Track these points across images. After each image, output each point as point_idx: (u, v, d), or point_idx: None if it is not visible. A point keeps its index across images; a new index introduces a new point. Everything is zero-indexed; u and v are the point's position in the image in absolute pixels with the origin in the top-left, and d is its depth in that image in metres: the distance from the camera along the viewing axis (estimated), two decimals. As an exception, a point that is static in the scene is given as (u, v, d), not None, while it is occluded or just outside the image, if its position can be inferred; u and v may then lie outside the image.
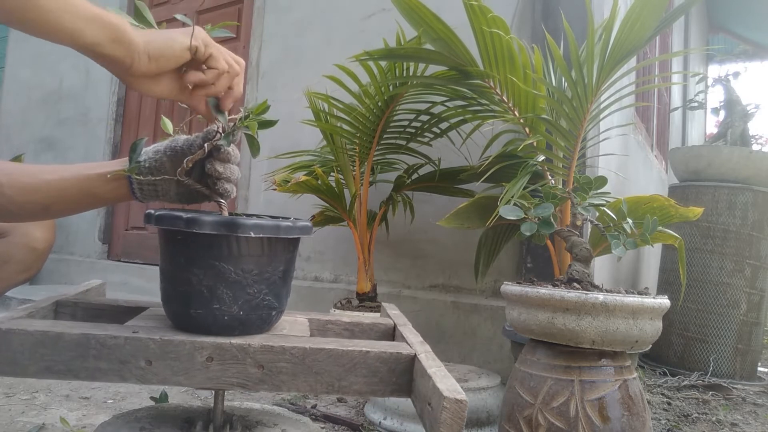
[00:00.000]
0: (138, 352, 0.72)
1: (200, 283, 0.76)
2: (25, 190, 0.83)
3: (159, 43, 0.69)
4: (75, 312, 0.95)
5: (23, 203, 0.83)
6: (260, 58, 2.93)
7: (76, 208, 0.88)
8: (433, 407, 0.65)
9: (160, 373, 0.72)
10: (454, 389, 0.64)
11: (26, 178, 0.84)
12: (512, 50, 1.43)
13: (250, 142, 0.83)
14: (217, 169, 0.83)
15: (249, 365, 0.74)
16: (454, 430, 0.62)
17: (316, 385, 0.75)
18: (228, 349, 0.74)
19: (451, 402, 0.62)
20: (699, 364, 2.47)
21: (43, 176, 0.84)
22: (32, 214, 0.87)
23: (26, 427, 1.36)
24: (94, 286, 1.07)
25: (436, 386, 0.66)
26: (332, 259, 2.53)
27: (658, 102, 3.79)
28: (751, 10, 5.36)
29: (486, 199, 1.54)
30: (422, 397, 0.71)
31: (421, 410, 0.71)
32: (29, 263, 1.07)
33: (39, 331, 0.71)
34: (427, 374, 0.70)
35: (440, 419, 0.62)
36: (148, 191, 0.86)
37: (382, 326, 1.00)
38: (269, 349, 0.74)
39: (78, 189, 0.85)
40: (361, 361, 0.76)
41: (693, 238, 2.53)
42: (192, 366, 0.73)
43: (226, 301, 0.76)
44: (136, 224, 3.51)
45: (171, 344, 0.73)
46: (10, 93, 4.28)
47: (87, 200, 0.86)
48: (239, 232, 0.74)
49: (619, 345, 1.05)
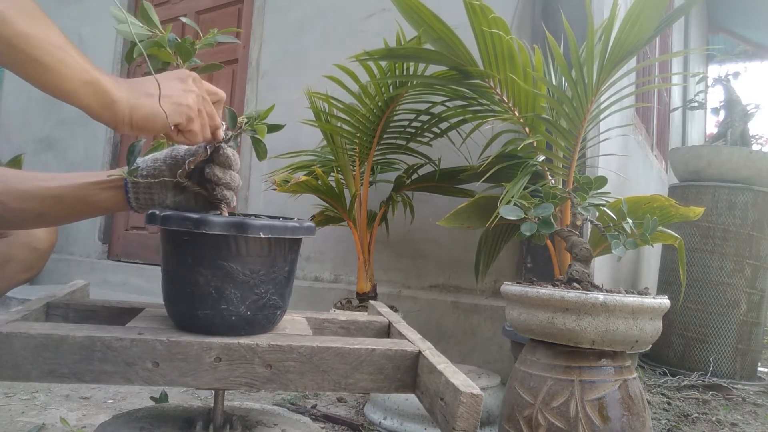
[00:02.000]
0: (145, 354, 0.71)
1: (208, 284, 0.76)
2: (20, 197, 0.83)
3: (143, 113, 0.71)
4: (66, 314, 0.94)
5: (18, 210, 0.83)
6: (260, 58, 2.93)
7: (71, 216, 0.88)
8: (447, 402, 0.67)
9: (167, 374, 0.72)
10: (468, 384, 0.66)
11: (22, 185, 0.83)
12: (512, 50, 1.43)
13: (257, 145, 0.83)
14: (217, 174, 0.82)
15: (257, 365, 0.74)
16: (471, 424, 0.64)
17: (323, 383, 0.76)
18: (236, 349, 0.74)
19: (467, 397, 0.64)
20: (699, 364, 2.47)
21: (38, 183, 0.84)
22: (26, 221, 0.87)
23: (26, 427, 1.36)
24: (78, 286, 1.06)
25: (450, 382, 0.67)
26: (332, 259, 2.53)
27: (658, 102, 3.79)
28: (751, 10, 5.36)
29: (486, 199, 1.54)
30: (432, 392, 0.72)
31: (431, 405, 0.72)
32: (31, 263, 1.07)
33: (42, 334, 0.70)
34: (437, 370, 0.71)
35: (457, 413, 0.64)
36: (144, 200, 0.86)
37: (377, 324, 1.02)
38: (277, 349, 0.75)
39: (73, 197, 0.85)
40: (367, 358, 0.77)
41: (693, 238, 2.53)
42: (200, 367, 0.73)
43: (233, 302, 0.76)
44: (136, 224, 3.51)
45: (179, 345, 0.72)
46: (10, 93, 4.28)
47: (82, 208, 0.86)
48: (249, 233, 0.73)
49: (619, 345, 1.05)
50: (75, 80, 0.65)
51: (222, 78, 3.12)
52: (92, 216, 0.92)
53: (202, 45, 0.82)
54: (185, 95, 0.74)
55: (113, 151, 3.62)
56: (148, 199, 0.86)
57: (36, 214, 0.85)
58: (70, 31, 3.75)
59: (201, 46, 0.82)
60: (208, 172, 0.83)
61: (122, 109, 0.70)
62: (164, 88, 0.73)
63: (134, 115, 0.71)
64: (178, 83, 0.75)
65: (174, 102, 0.73)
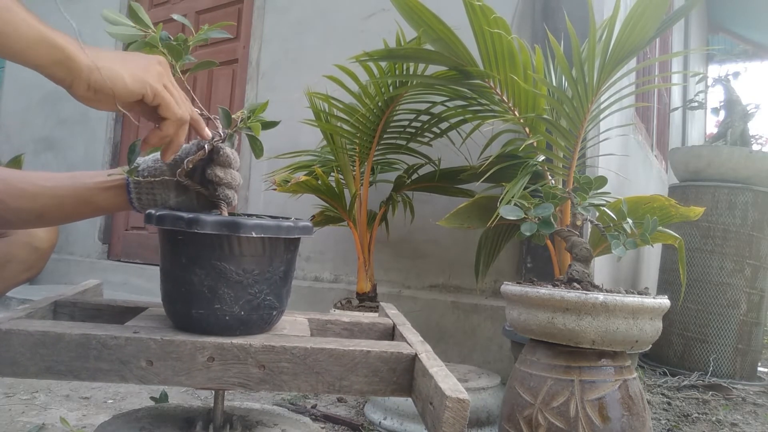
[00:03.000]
0: (139, 353, 0.72)
1: (201, 283, 0.76)
2: (21, 196, 0.82)
3: (102, 76, 0.69)
4: (73, 312, 0.95)
5: (18, 210, 0.83)
6: (260, 58, 2.93)
7: (71, 215, 0.87)
8: (435, 407, 0.66)
9: (161, 373, 0.72)
10: (456, 389, 0.64)
11: (23, 185, 0.83)
12: (513, 50, 1.43)
13: (253, 143, 0.83)
14: (218, 174, 0.82)
15: (250, 365, 0.74)
16: (456, 430, 0.63)
17: (317, 384, 0.75)
18: (229, 349, 0.74)
19: (453, 401, 0.62)
20: (699, 364, 2.47)
21: (39, 183, 0.84)
22: (27, 221, 0.87)
23: (26, 427, 1.36)
24: (91, 286, 1.07)
25: (438, 386, 0.66)
26: (332, 259, 2.53)
27: (658, 102, 3.79)
28: (751, 10, 5.36)
29: (486, 199, 1.54)
30: (424, 396, 0.71)
31: (423, 409, 0.72)
32: (32, 262, 1.07)
33: (39, 332, 0.71)
34: (429, 374, 0.70)
35: (443, 418, 0.62)
36: (147, 200, 0.86)
37: (381, 326, 1.01)
38: (270, 349, 0.74)
39: (74, 197, 0.84)
40: (362, 360, 0.76)
41: (693, 238, 2.53)
42: (193, 366, 0.73)
43: (227, 301, 0.76)
44: (136, 224, 3.51)
45: (172, 344, 0.73)
46: (10, 93, 4.28)
47: (83, 209, 0.86)
48: (241, 233, 0.73)
49: (619, 345, 1.05)
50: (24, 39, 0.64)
51: (222, 78, 3.12)
52: (94, 216, 0.92)
53: (194, 41, 0.82)
54: (148, 69, 0.73)
55: (113, 151, 3.62)
56: (150, 199, 0.86)
57: (37, 215, 0.84)
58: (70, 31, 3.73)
59: (194, 43, 0.81)
60: (209, 173, 0.82)
61: (80, 64, 0.67)
62: (126, 59, 0.72)
63: (92, 76, 0.68)
64: (143, 60, 0.74)
65: (136, 71, 0.71)
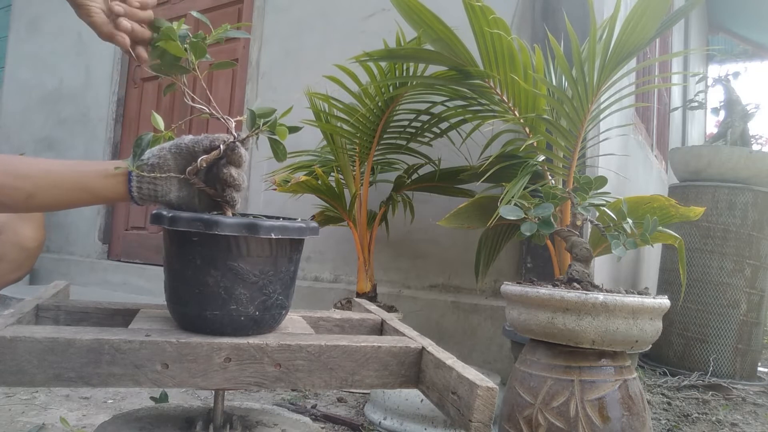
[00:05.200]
0: (154, 356, 0.71)
1: (217, 285, 0.75)
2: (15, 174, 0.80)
3: None
4: (57, 316, 0.92)
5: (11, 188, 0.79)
6: (260, 58, 2.93)
7: (65, 200, 0.84)
8: (460, 396, 0.69)
9: (176, 376, 0.71)
10: (481, 378, 0.69)
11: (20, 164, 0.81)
12: (513, 50, 1.43)
13: (276, 147, 0.83)
14: (232, 175, 0.81)
15: (267, 364, 0.75)
16: (486, 416, 0.67)
17: (331, 380, 0.77)
18: (246, 349, 0.74)
19: (484, 390, 0.67)
20: (699, 364, 2.47)
21: (33, 162, 0.82)
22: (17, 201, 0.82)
23: (26, 427, 1.36)
24: (61, 288, 1.04)
25: (463, 376, 0.70)
26: (332, 259, 2.53)
27: (658, 102, 3.79)
28: (751, 10, 5.36)
29: (486, 199, 1.54)
30: (441, 387, 0.74)
31: (441, 399, 0.74)
32: (20, 262, 1.07)
33: (48, 338, 0.68)
34: (446, 366, 0.74)
35: (474, 406, 0.67)
36: (147, 191, 0.83)
37: (370, 321, 1.03)
38: (286, 348, 0.75)
39: (72, 181, 0.82)
40: (373, 355, 0.79)
41: (693, 238, 2.53)
42: (210, 367, 0.73)
43: (243, 302, 0.76)
44: (136, 224, 3.51)
45: (188, 346, 0.72)
46: (10, 93, 4.28)
47: (79, 194, 0.83)
48: (260, 234, 0.73)
49: (619, 345, 1.05)
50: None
51: (222, 78, 3.11)
52: (88, 204, 0.86)
53: (212, 39, 0.81)
54: None
55: (113, 151, 3.62)
56: (151, 190, 0.83)
57: (27, 194, 0.80)
58: (70, 31, 3.76)
59: (211, 41, 0.81)
60: (225, 172, 0.81)
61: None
62: None
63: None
64: None
65: None
